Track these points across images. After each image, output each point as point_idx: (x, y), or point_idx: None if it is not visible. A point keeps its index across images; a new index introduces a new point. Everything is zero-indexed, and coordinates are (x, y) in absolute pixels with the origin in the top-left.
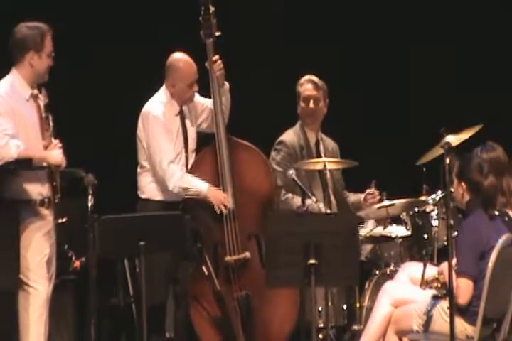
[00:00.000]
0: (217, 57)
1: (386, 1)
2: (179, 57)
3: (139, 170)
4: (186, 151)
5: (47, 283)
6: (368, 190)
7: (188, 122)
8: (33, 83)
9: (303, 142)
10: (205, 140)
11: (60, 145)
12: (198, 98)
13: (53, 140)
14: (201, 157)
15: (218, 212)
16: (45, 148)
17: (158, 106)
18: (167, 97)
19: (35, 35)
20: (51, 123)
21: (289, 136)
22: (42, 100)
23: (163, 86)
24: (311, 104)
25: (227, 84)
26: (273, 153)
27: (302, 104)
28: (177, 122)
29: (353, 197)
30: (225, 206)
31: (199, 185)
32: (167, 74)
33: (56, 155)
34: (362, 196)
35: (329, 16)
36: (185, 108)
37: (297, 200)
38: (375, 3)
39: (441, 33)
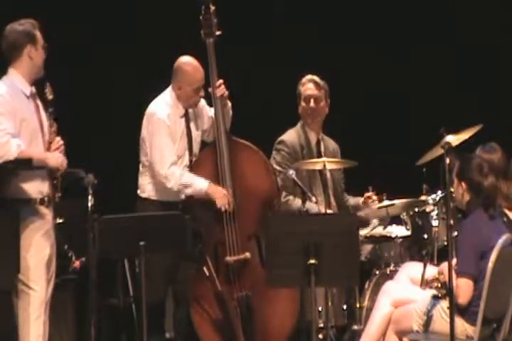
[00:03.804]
0: (221, 81)
1: (386, 3)
2: (188, 60)
3: (141, 169)
4: (190, 154)
5: (46, 284)
6: (366, 194)
7: (192, 125)
8: (32, 79)
9: (303, 142)
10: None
11: (61, 142)
12: (206, 108)
13: (56, 137)
14: (201, 157)
15: (221, 208)
16: (49, 143)
17: (163, 107)
18: (172, 99)
19: (28, 28)
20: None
21: (290, 135)
22: (49, 95)
23: (170, 87)
24: (312, 104)
25: (229, 104)
26: (273, 153)
27: (303, 104)
28: (181, 124)
29: (352, 201)
30: (227, 202)
31: (200, 182)
32: (174, 77)
33: (56, 158)
34: (361, 199)
35: (329, 17)
36: (191, 111)
37: (298, 202)
38: (376, 4)
39: (441, 33)
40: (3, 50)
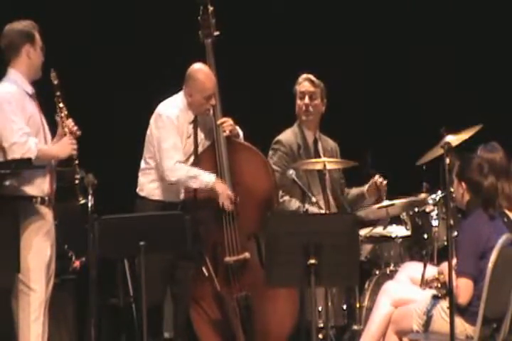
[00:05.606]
0: (223, 120)
1: (386, 3)
2: (199, 68)
3: (142, 166)
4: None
5: (45, 285)
6: (373, 179)
7: (201, 133)
8: (31, 79)
9: (300, 141)
10: None
11: (73, 123)
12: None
13: (67, 120)
14: (200, 157)
15: (222, 205)
16: (62, 128)
17: (172, 109)
18: (183, 104)
19: (27, 28)
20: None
21: (287, 135)
22: (54, 80)
23: (182, 92)
24: (306, 99)
25: (241, 135)
26: (270, 153)
27: (298, 101)
28: (189, 130)
29: (354, 191)
30: (230, 201)
31: (207, 176)
32: (186, 83)
33: (64, 148)
34: (365, 187)
35: (329, 17)
36: (201, 119)
37: (294, 204)
38: (375, 4)
39: (441, 34)
40: (2, 49)
